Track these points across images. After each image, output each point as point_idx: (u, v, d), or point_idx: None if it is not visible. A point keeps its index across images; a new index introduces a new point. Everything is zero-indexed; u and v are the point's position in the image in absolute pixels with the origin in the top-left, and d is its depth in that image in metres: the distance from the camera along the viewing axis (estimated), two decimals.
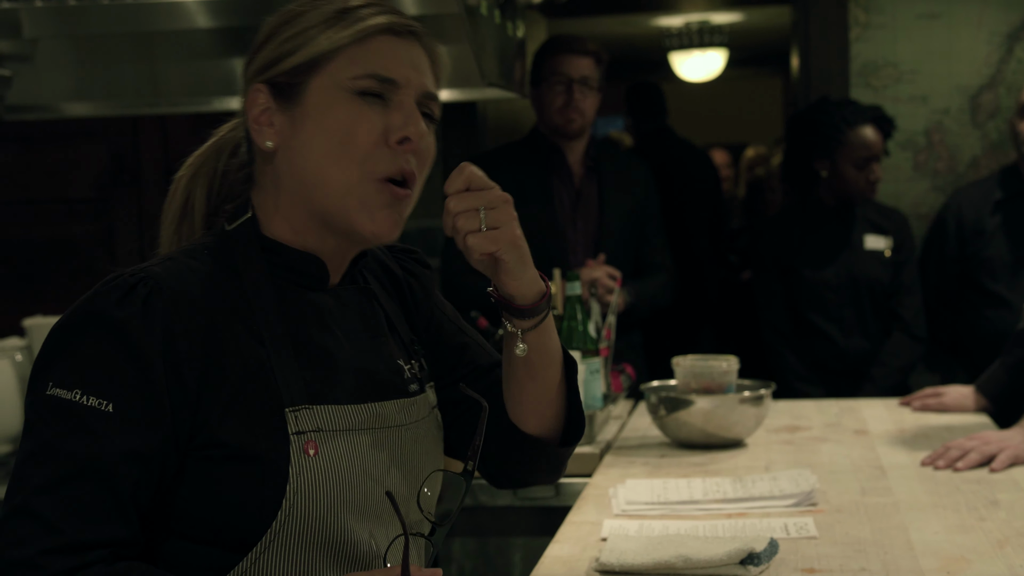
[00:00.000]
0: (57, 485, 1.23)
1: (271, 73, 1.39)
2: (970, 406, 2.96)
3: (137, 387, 1.28)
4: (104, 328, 1.29)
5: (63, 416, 1.26)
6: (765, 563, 1.78)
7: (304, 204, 1.40)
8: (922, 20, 4.18)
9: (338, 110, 1.36)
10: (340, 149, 1.36)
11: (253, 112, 1.40)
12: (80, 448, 1.25)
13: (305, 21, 1.38)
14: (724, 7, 7.79)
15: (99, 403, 1.26)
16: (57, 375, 1.28)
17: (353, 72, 1.37)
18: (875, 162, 3.68)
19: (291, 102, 1.38)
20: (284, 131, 1.39)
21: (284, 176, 1.40)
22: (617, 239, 3.59)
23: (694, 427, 2.62)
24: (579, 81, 3.49)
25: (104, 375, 1.27)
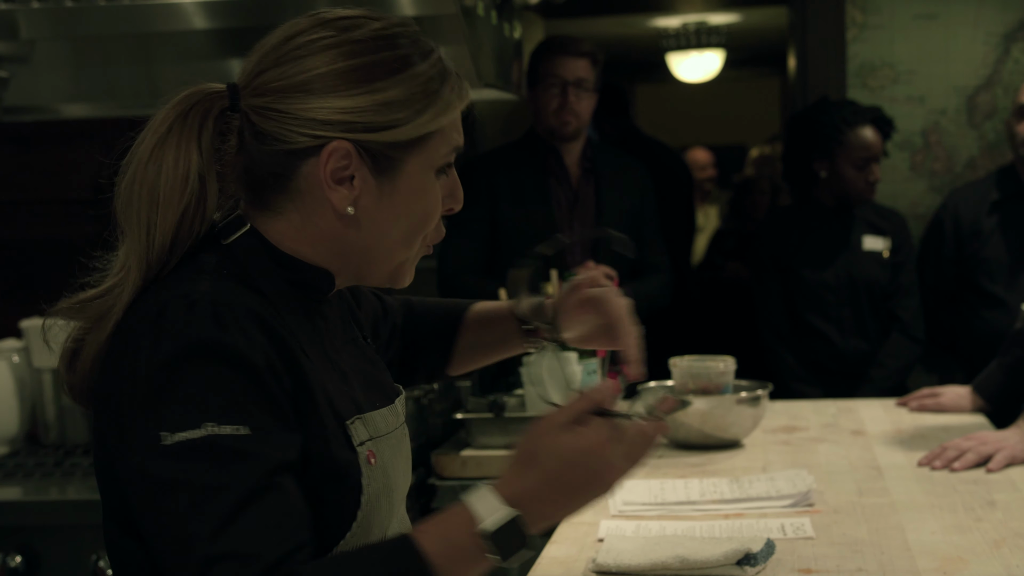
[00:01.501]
0: (230, 521, 1.17)
1: (366, 137, 1.29)
2: (967, 406, 2.96)
3: (261, 401, 1.23)
4: (212, 354, 1.21)
5: (203, 456, 1.18)
6: (762, 563, 1.78)
7: (353, 259, 1.36)
8: (919, 21, 4.18)
9: (428, 193, 1.34)
10: (417, 227, 1.36)
11: (331, 167, 1.29)
12: (235, 479, 1.18)
13: (406, 85, 1.29)
14: (721, 8, 7.79)
15: (235, 429, 1.20)
16: (172, 421, 1.19)
17: (445, 150, 1.35)
18: (874, 163, 3.68)
19: (383, 175, 1.31)
20: (366, 200, 1.32)
21: (345, 236, 1.33)
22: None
23: (691, 428, 2.62)
24: (574, 83, 3.49)
25: (226, 400, 1.21)
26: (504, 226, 3.52)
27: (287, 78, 1.29)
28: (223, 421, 1.19)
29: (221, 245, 1.35)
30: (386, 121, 1.29)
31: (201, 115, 1.31)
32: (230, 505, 1.17)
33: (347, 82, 1.28)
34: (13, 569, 2.57)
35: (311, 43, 1.30)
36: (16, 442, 3.03)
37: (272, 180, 1.34)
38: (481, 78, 2.84)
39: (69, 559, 2.59)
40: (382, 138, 1.29)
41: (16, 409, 3.02)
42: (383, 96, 1.29)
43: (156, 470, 1.19)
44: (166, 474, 1.19)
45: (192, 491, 1.18)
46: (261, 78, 1.31)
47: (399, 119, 1.30)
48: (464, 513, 1.22)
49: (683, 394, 2.67)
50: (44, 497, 2.63)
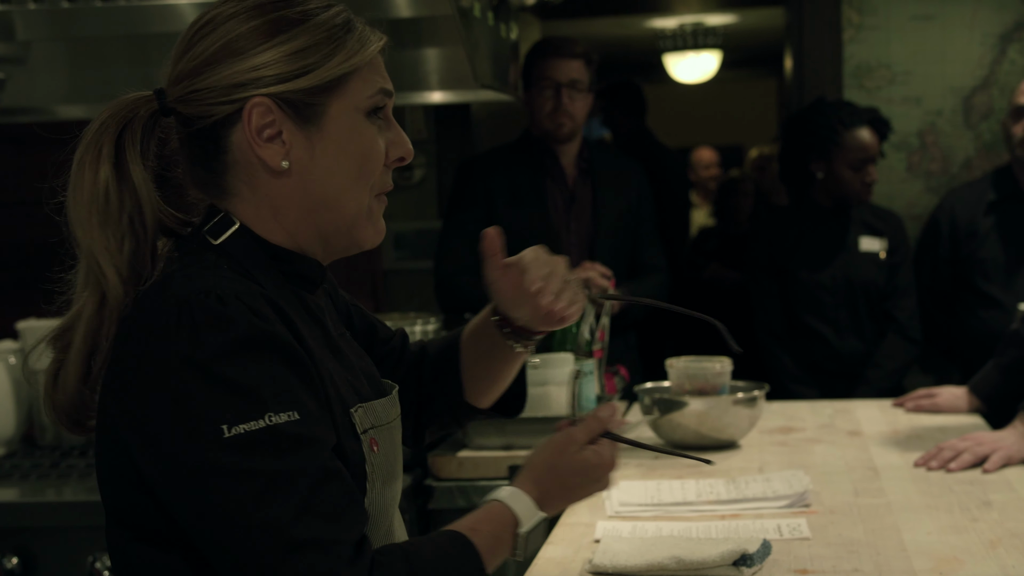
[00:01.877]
0: (308, 505, 1.20)
1: (280, 89, 1.32)
2: (963, 407, 2.96)
3: (307, 388, 1.27)
4: (261, 345, 1.24)
5: (268, 444, 1.21)
6: (758, 564, 1.78)
7: (312, 219, 1.38)
8: (915, 21, 4.18)
9: (360, 135, 1.37)
10: (359, 173, 1.38)
11: (255, 125, 1.32)
12: (303, 463, 1.22)
13: (311, 33, 1.33)
14: (718, 9, 7.80)
15: (288, 415, 1.23)
16: (232, 412, 1.21)
17: (368, 91, 1.37)
18: (871, 164, 3.68)
19: (308, 123, 1.34)
20: (298, 151, 1.35)
21: (292, 194, 1.36)
22: (611, 240, 3.59)
23: (688, 428, 2.62)
24: (568, 84, 3.49)
25: (277, 387, 1.23)
26: (501, 227, 3.50)
27: (196, 58, 1.33)
28: (279, 409, 1.22)
29: (213, 245, 1.36)
30: (296, 69, 1.32)
31: (120, 122, 1.34)
32: (305, 490, 1.20)
33: (252, 42, 1.32)
34: (9, 571, 2.57)
35: (212, 20, 1.34)
36: (12, 443, 3.03)
37: (213, 162, 1.36)
38: (478, 79, 2.84)
39: (65, 561, 2.59)
40: (296, 86, 1.32)
41: (12, 411, 3.01)
42: (288, 47, 1.32)
43: (222, 463, 1.20)
44: (234, 466, 1.20)
45: (265, 479, 1.20)
46: (176, 69, 1.35)
47: (309, 64, 1.33)
48: (508, 515, 1.38)
49: (680, 395, 2.67)
50: (40, 499, 2.63)
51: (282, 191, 1.36)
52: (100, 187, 1.32)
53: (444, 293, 3.53)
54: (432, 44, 2.97)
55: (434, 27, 2.89)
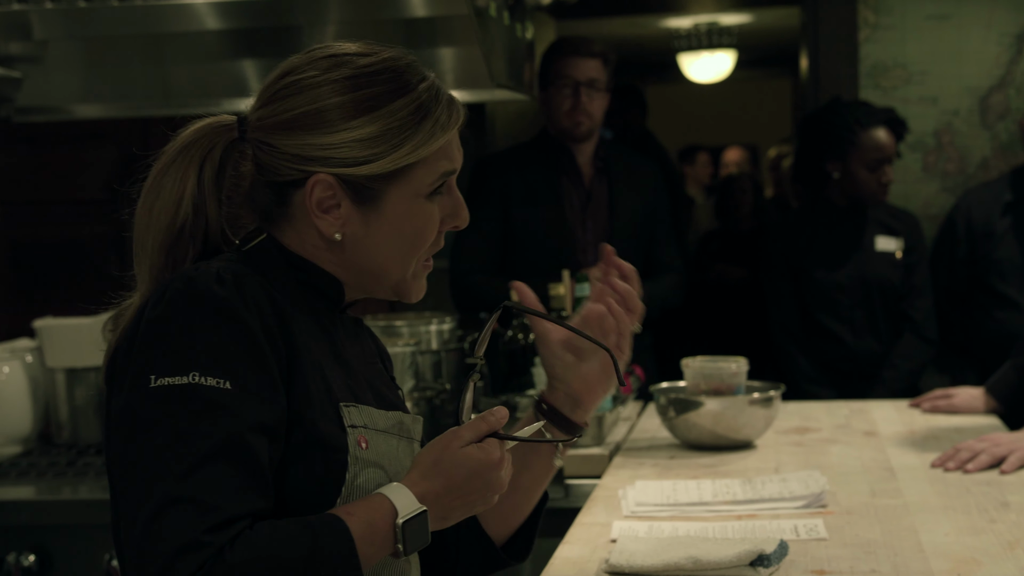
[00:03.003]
0: (199, 467, 1.24)
1: (345, 172, 1.37)
2: (980, 407, 2.95)
3: (250, 361, 1.30)
4: (208, 306, 1.30)
5: (184, 401, 1.26)
6: (775, 564, 1.78)
7: (355, 276, 1.45)
8: (931, 21, 4.17)
9: (416, 216, 1.41)
10: (409, 248, 1.43)
11: (316, 198, 1.38)
12: (212, 428, 1.26)
13: (380, 122, 1.37)
14: (733, 8, 7.78)
15: (217, 382, 1.27)
16: (163, 365, 1.27)
17: (431, 179, 1.41)
18: (887, 164, 3.67)
19: (366, 204, 1.40)
20: (352, 224, 1.40)
21: (339, 259, 1.43)
22: (627, 240, 3.58)
23: (703, 428, 2.61)
24: (586, 83, 3.49)
25: (216, 353, 1.28)
26: (516, 226, 3.52)
27: (276, 115, 1.39)
28: (208, 373, 1.27)
29: (241, 251, 1.44)
30: (363, 156, 1.38)
31: (205, 147, 1.41)
32: (202, 452, 1.24)
33: (326, 120, 1.37)
34: (26, 568, 2.57)
35: (297, 82, 1.39)
36: (29, 441, 3.04)
37: (272, 205, 1.44)
38: (493, 79, 2.84)
39: (82, 558, 2.59)
40: (360, 172, 1.38)
41: (29, 409, 3.02)
42: (359, 133, 1.37)
43: (138, 409, 1.27)
44: (147, 414, 1.27)
45: (168, 432, 1.25)
46: (258, 113, 1.41)
47: (376, 154, 1.38)
48: (386, 504, 1.33)
49: (695, 394, 2.67)
50: (57, 496, 2.64)
51: (332, 250, 1.43)
52: (178, 219, 1.40)
53: (459, 292, 3.54)
54: (447, 44, 2.97)
55: (449, 26, 2.89)
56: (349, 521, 1.30)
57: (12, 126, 3.20)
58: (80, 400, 3.03)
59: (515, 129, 4.83)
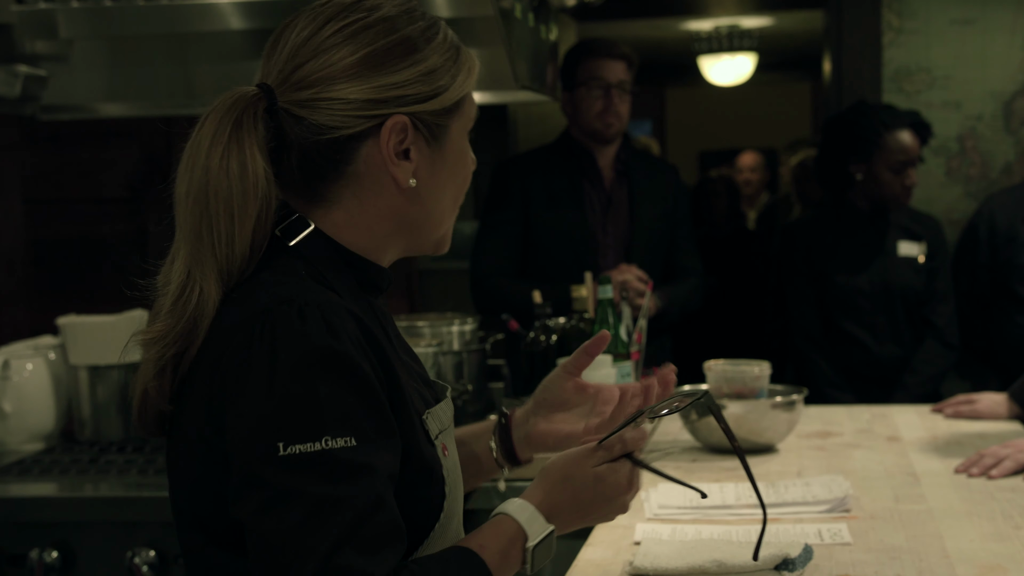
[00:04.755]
0: (349, 536, 1.19)
1: (419, 108, 1.33)
2: (1003, 413, 2.94)
3: (371, 413, 1.25)
4: (329, 364, 1.23)
5: (320, 468, 1.20)
6: (800, 569, 1.77)
7: (407, 231, 1.40)
8: (956, 25, 4.16)
9: (465, 154, 1.41)
10: (461, 189, 1.42)
11: (392, 143, 1.33)
12: (351, 489, 1.20)
13: (440, 53, 1.34)
14: (754, 11, 7.77)
15: (345, 440, 1.21)
16: (290, 432, 1.20)
17: (472, 112, 1.41)
18: (911, 167, 3.66)
19: (435, 143, 1.37)
20: (423, 170, 1.36)
21: (403, 208, 1.38)
22: (647, 243, 3.58)
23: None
24: (616, 85, 3.50)
25: (342, 413, 1.22)
26: (537, 229, 3.52)
27: (330, 66, 1.31)
28: (336, 433, 1.21)
29: (287, 247, 1.35)
30: (432, 89, 1.34)
31: (252, 118, 1.31)
32: (350, 520, 1.19)
33: (391, 57, 1.32)
34: (49, 564, 2.58)
35: (342, 29, 1.32)
36: (52, 438, 3.05)
37: (330, 170, 1.35)
38: (518, 80, 2.84)
39: (105, 555, 2.60)
40: (432, 106, 1.34)
41: (52, 406, 3.03)
42: (425, 65, 1.34)
43: (272, 479, 1.20)
44: (283, 484, 1.20)
45: (313, 503, 1.19)
46: (299, 72, 1.32)
47: (442, 85, 1.35)
48: (515, 528, 1.34)
49: (718, 398, 2.66)
50: (79, 494, 2.65)
51: (394, 208, 1.37)
52: (250, 179, 1.29)
53: (480, 294, 3.54)
54: (472, 44, 2.95)
55: (472, 27, 2.89)
56: (483, 555, 1.30)
57: (36, 124, 3.21)
58: (102, 397, 3.04)
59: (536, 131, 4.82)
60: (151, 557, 2.57)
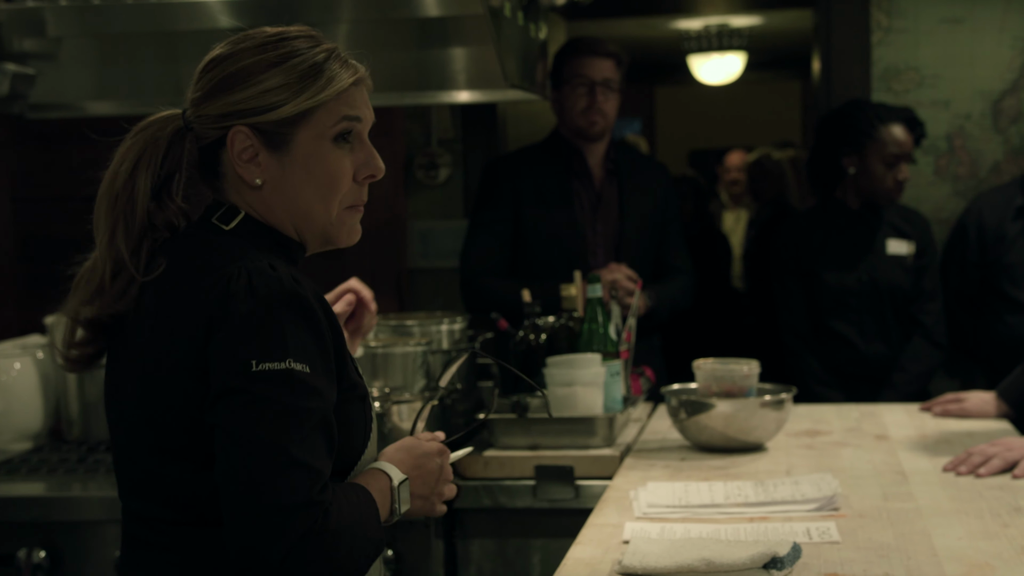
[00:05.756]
0: (307, 439, 1.47)
1: (255, 120, 1.59)
2: (991, 412, 2.94)
3: (320, 351, 1.53)
4: (294, 305, 1.51)
5: (286, 383, 1.47)
6: (788, 567, 1.78)
7: (291, 222, 1.65)
8: (945, 25, 4.16)
9: (324, 160, 1.63)
10: (326, 192, 1.64)
11: (236, 149, 1.60)
12: (313, 404, 1.49)
13: (283, 74, 1.59)
14: (743, 10, 7.77)
15: (302, 367, 1.49)
16: (260, 352, 1.48)
17: (332, 121, 1.62)
18: (903, 162, 3.67)
19: (279, 149, 1.61)
20: (271, 170, 1.62)
21: (272, 202, 1.64)
22: (637, 242, 3.58)
23: (714, 430, 2.61)
24: (601, 83, 3.49)
25: (300, 343, 1.50)
26: (527, 227, 3.52)
27: (199, 90, 1.63)
28: (297, 360, 1.49)
29: (225, 231, 1.63)
30: (268, 104, 1.59)
31: (150, 135, 1.64)
32: (309, 428, 1.48)
33: (235, 80, 1.60)
34: (37, 564, 2.58)
35: (213, 59, 1.63)
36: (40, 438, 3.04)
37: (211, 173, 1.66)
38: (507, 79, 2.84)
39: (92, 555, 2.60)
40: (268, 118, 1.59)
41: (40, 405, 3.03)
42: (266, 85, 1.59)
43: (247, 388, 1.47)
44: (256, 392, 1.47)
45: (280, 408, 1.47)
46: (190, 95, 1.64)
47: (281, 100, 1.60)
48: (383, 476, 1.63)
49: (707, 396, 2.66)
50: (67, 493, 2.64)
51: (262, 201, 1.64)
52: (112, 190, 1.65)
53: (469, 293, 3.53)
54: (461, 43, 2.97)
55: (461, 26, 2.89)
56: (371, 488, 1.59)
57: (24, 123, 3.20)
58: (91, 397, 3.03)
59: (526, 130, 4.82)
60: None
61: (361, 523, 1.53)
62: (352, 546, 1.51)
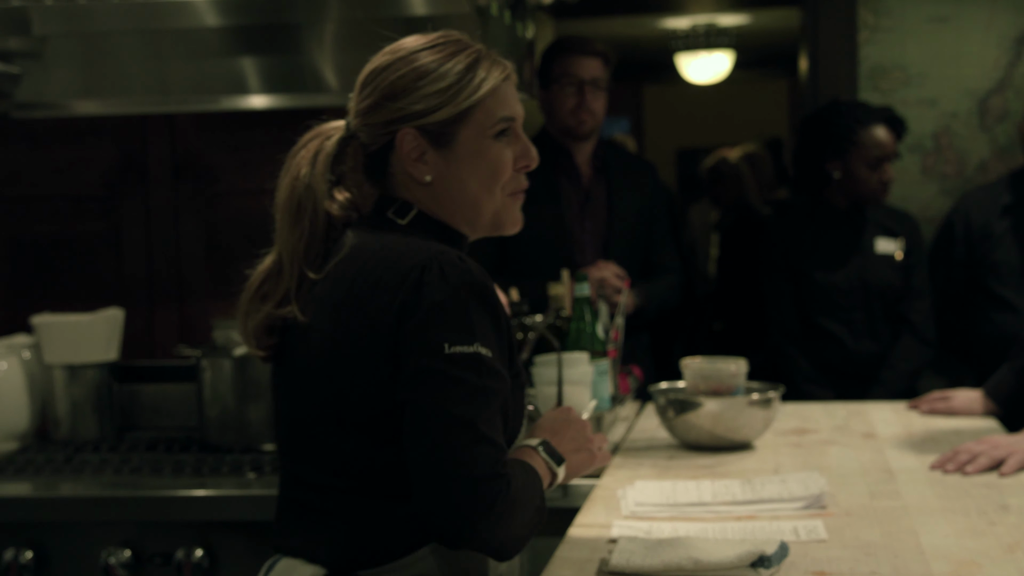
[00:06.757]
0: (492, 416, 1.61)
1: (422, 122, 1.73)
2: (978, 410, 2.95)
3: (497, 335, 1.66)
4: (483, 294, 1.64)
5: (474, 365, 1.60)
6: (775, 565, 1.78)
7: (460, 219, 1.78)
8: (931, 23, 4.17)
9: (486, 154, 1.76)
10: (489, 183, 1.77)
11: (405, 150, 1.74)
12: (497, 385, 1.62)
13: (440, 79, 1.72)
14: (731, 9, 7.78)
15: (487, 351, 1.62)
16: (453, 336, 1.60)
17: (492, 120, 1.75)
18: (887, 162, 3.67)
19: (444, 147, 1.74)
20: (438, 167, 1.75)
21: (440, 197, 1.76)
22: (625, 240, 3.58)
23: (702, 429, 2.61)
24: (589, 82, 3.49)
25: (484, 329, 1.63)
26: None
27: (364, 100, 1.77)
28: (483, 344, 1.62)
29: (401, 225, 1.76)
30: (430, 107, 1.73)
31: (319, 141, 1.79)
32: (493, 405, 1.62)
33: (397, 88, 1.74)
34: (23, 565, 2.57)
35: (373, 71, 1.77)
36: (26, 438, 3.03)
37: (381, 174, 1.79)
38: None
39: (79, 555, 2.59)
40: (432, 119, 1.73)
41: (26, 405, 3.02)
42: (424, 91, 1.73)
43: (440, 368, 1.59)
44: (448, 372, 1.59)
45: (470, 388, 1.60)
46: (355, 104, 1.78)
47: (440, 103, 1.73)
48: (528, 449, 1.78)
49: (694, 395, 2.67)
50: (54, 493, 2.63)
51: (432, 197, 1.77)
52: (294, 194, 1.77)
53: None
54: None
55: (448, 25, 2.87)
56: (531, 461, 1.74)
57: (10, 122, 3.19)
58: (78, 397, 3.02)
59: None
60: (126, 557, 2.56)
61: (531, 493, 1.66)
62: (526, 513, 1.64)
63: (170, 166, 3.39)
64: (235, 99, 3.02)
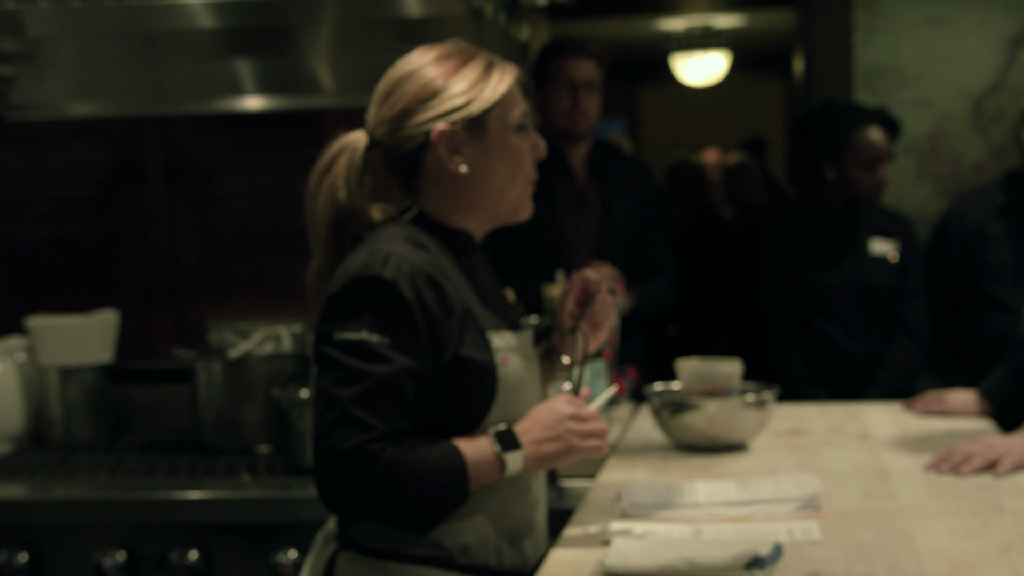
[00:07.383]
0: (364, 397, 1.75)
1: (456, 116, 1.87)
2: (973, 410, 2.95)
3: (403, 326, 1.78)
4: (374, 285, 1.78)
5: (358, 351, 1.77)
6: (770, 567, 1.78)
7: (484, 205, 1.94)
8: (926, 24, 4.17)
9: (511, 146, 1.92)
10: (513, 172, 1.94)
11: (441, 145, 1.87)
12: (376, 369, 1.76)
13: (466, 78, 1.88)
14: (726, 10, 7.79)
15: (380, 339, 1.77)
16: (343, 325, 1.78)
17: (514, 113, 1.92)
18: (882, 163, 3.68)
19: (478, 138, 1.89)
20: (472, 157, 1.90)
21: (470, 189, 1.91)
22: (620, 242, 3.58)
23: (697, 430, 2.61)
24: (584, 84, 3.49)
25: (380, 318, 1.78)
26: (508, 227, 3.50)
27: (392, 108, 1.90)
28: (374, 331, 1.77)
29: (395, 222, 1.92)
30: (462, 104, 1.88)
31: (348, 156, 1.92)
32: (367, 387, 1.76)
33: (426, 91, 1.89)
34: (18, 567, 2.57)
35: (396, 81, 1.91)
36: (21, 440, 3.03)
37: (412, 172, 1.93)
38: None
39: (73, 557, 2.59)
40: (463, 114, 1.88)
41: (21, 407, 3.02)
42: (453, 90, 1.89)
43: (328, 353, 1.79)
44: (332, 357, 1.78)
45: (343, 371, 1.77)
46: (379, 113, 1.91)
47: (470, 99, 1.89)
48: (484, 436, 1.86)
49: (690, 396, 2.67)
50: (49, 496, 2.63)
51: (461, 189, 1.92)
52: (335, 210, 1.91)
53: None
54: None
55: (443, 27, 2.88)
56: (463, 447, 1.81)
57: (5, 124, 3.19)
58: (72, 398, 3.02)
59: None
60: (121, 559, 2.56)
61: (434, 473, 1.78)
62: (403, 490, 1.77)
63: (165, 168, 3.39)
64: (230, 101, 3.02)
